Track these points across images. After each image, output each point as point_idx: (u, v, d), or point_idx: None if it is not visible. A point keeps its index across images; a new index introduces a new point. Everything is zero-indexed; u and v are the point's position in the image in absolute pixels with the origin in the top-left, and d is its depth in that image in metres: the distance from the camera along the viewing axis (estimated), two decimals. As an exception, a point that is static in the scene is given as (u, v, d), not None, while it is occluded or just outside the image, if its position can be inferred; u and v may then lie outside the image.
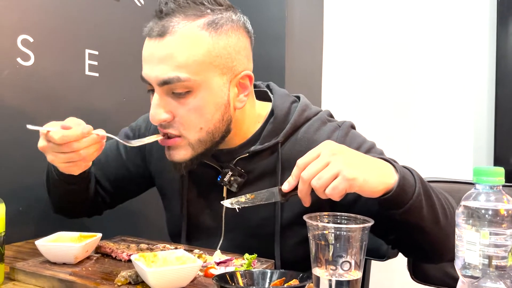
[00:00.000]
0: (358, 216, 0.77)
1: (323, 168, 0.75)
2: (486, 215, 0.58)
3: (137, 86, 1.55)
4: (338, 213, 0.78)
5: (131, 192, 1.21)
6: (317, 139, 0.96)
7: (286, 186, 0.81)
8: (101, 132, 0.89)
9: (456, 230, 0.61)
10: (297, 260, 0.97)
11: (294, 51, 1.91)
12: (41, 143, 0.88)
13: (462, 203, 0.61)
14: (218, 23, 0.88)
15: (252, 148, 0.97)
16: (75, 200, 1.09)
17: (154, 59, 0.87)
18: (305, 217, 0.75)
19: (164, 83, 0.86)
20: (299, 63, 1.96)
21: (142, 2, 1.56)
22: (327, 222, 0.76)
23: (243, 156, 0.98)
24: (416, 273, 1.23)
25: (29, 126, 0.85)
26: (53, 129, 0.84)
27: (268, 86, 1.08)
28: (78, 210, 1.13)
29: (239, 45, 0.91)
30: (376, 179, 0.77)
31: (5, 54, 1.16)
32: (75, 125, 0.86)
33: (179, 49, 0.85)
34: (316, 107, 1.05)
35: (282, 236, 0.98)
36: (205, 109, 0.89)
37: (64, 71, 1.31)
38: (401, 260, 1.30)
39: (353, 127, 1.02)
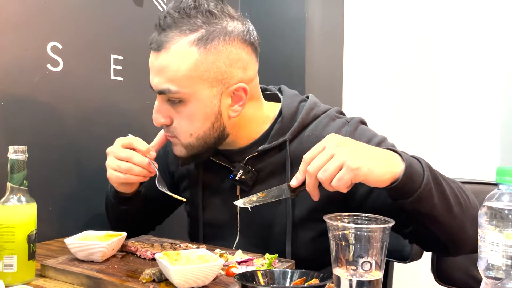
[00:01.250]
0: (379, 216, 0.77)
1: (328, 161, 0.78)
2: (510, 216, 0.57)
3: (161, 89, 1.58)
4: (359, 214, 0.79)
5: (171, 206, 1.26)
6: (325, 135, 0.95)
7: (294, 182, 0.85)
8: (154, 163, 1.01)
9: (479, 230, 0.61)
10: (310, 257, 0.99)
11: (314, 52, 1.91)
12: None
13: (485, 203, 0.61)
14: (208, 38, 0.91)
15: (261, 147, 1.01)
16: (129, 219, 1.17)
17: (153, 69, 0.95)
18: (325, 218, 0.76)
19: (160, 92, 0.95)
20: (320, 64, 1.95)
21: (165, 8, 1.59)
22: (348, 223, 0.77)
23: (253, 155, 1.02)
24: (440, 275, 1.22)
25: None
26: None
27: (279, 89, 1.11)
28: (134, 229, 1.19)
29: (231, 57, 0.94)
30: (382, 168, 0.78)
31: (36, 61, 1.21)
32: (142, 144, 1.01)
33: (170, 64, 0.92)
34: (326, 105, 1.06)
35: (294, 232, 1.00)
36: (195, 118, 0.95)
37: (91, 76, 1.35)
38: (425, 263, 1.29)
39: (363, 122, 1.03)
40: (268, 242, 1.02)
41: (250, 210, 0.91)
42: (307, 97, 1.07)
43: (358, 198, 0.96)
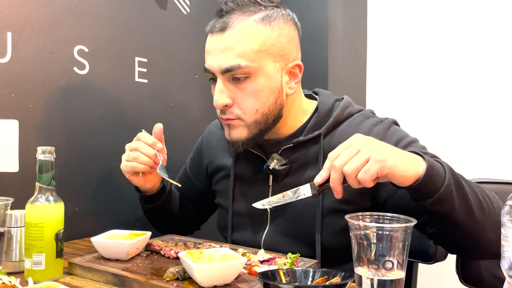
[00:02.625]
0: (401, 216, 0.77)
1: (355, 155, 0.80)
2: (533, 215, 0.56)
3: (183, 91, 1.60)
4: (381, 213, 0.78)
5: (207, 205, 1.30)
6: (358, 132, 0.98)
7: (318, 179, 0.86)
8: (160, 155, 1.08)
9: (502, 230, 0.60)
10: (338, 247, 0.99)
11: (337, 55, 1.90)
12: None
13: (508, 202, 0.60)
14: (271, 17, 0.99)
15: (296, 139, 1.04)
16: (160, 218, 1.25)
17: (217, 50, 0.98)
18: (346, 217, 0.76)
19: (226, 70, 0.97)
20: (343, 66, 1.95)
21: (188, 10, 1.61)
22: (369, 222, 0.76)
23: (288, 146, 1.05)
24: (465, 276, 1.20)
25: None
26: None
27: (313, 92, 1.16)
28: (172, 228, 1.26)
29: (290, 35, 1.01)
30: (406, 165, 0.80)
31: (63, 64, 1.24)
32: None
33: (239, 40, 0.96)
34: (360, 106, 1.10)
35: (323, 222, 1.02)
36: (261, 93, 0.99)
37: (116, 78, 1.38)
38: (450, 264, 1.27)
39: (396, 123, 1.06)
40: (297, 231, 1.04)
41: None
42: (343, 98, 1.11)
43: (385, 194, 0.98)
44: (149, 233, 1.02)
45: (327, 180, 0.84)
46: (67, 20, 1.25)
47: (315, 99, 1.12)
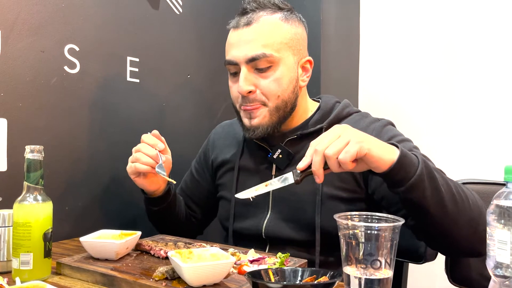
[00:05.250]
0: (389, 215, 0.77)
1: (336, 140, 0.84)
2: (518, 214, 0.57)
3: (176, 91, 1.60)
4: (369, 213, 0.79)
5: (213, 205, 1.33)
6: (356, 127, 1.05)
7: (301, 165, 0.88)
8: (161, 155, 1.11)
9: (488, 229, 0.60)
10: (337, 233, 1.01)
11: (329, 53, 1.91)
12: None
13: (493, 202, 0.60)
14: (289, 17, 1.11)
15: (300, 132, 1.13)
16: (165, 221, 1.27)
17: (242, 42, 1.08)
18: (335, 217, 0.76)
19: (252, 59, 1.06)
20: (335, 64, 1.95)
21: (181, 10, 1.61)
22: (358, 222, 0.77)
23: (292, 137, 1.13)
24: (454, 276, 1.20)
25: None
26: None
27: (318, 97, 1.25)
28: (176, 232, 1.27)
29: (303, 34, 1.14)
30: (382, 150, 0.85)
31: (54, 63, 1.24)
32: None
33: (264, 32, 1.07)
34: (358, 109, 1.20)
35: (322, 207, 1.07)
36: (282, 80, 1.08)
37: (107, 78, 1.37)
38: (439, 264, 1.28)
39: (392, 124, 1.14)
40: (298, 217, 1.10)
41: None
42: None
43: (373, 185, 1.05)
44: (139, 233, 1.02)
45: (309, 167, 0.87)
46: (58, 19, 1.24)
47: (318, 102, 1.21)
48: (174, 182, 1.12)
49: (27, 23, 1.18)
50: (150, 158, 1.09)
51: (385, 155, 0.84)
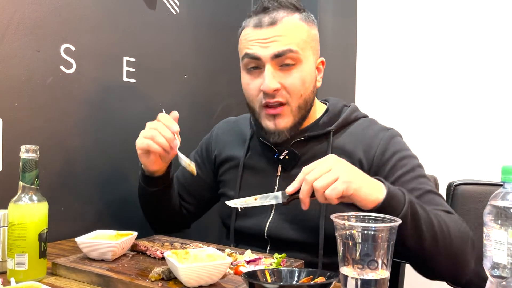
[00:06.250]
0: (386, 216, 0.77)
1: (326, 173, 0.87)
2: (515, 214, 0.57)
3: (172, 92, 1.60)
4: (367, 213, 0.79)
5: (209, 199, 1.34)
6: (365, 133, 1.11)
7: (290, 189, 0.92)
8: (178, 137, 1.09)
9: (484, 229, 0.60)
10: None
11: (326, 58, 1.89)
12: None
13: (490, 202, 0.60)
14: (306, 17, 1.12)
15: (308, 133, 1.13)
16: (159, 206, 1.24)
17: (267, 40, 1.07)
18: (332, 217, 0.76)
19: (278, 55, 1.06)
20: (332, 68, 1.95)
21: (177, 10, 1.61)
22: (355, 222, 0.77)
23: (300, 139, 1.13)
24: (450, 277, 1.20)
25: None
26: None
27: (325, 99, 1.25)
28: (167, 221, 1.27)
29: (317, 35, 1.16)
30: (369, 189, 0.87)
31: (50, 62, 1.23)
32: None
33: (289, 31, 1.07)
34: (364, 113, 1.21)
35: (327, 209, 1.07)
36: (306, 79, 1.09)
37: (103, 78, 1.37)
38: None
39: (400, 136, 1.14)
40: (301, 218, 1.09)
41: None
42: (350, 105, 1.21)
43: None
44: (135, 234, 1.02)
45: (298, 191, 0.90)
46: (54, 18, 1.24)
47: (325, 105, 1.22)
48: (195, 173, 1.09)
49: (23, 23, 1.17)
50: (165, 140, 1.06)
51: (371, 195, 0.86)
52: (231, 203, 0.99)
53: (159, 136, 1.05)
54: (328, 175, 0.86)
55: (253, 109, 1.13)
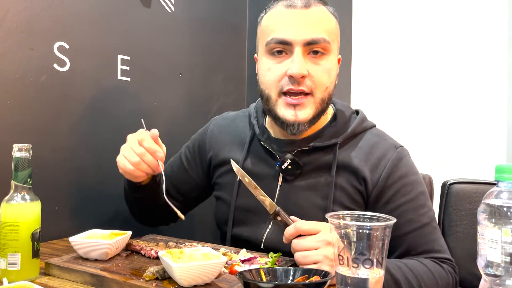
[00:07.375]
0: (381, 215, 0.77)
1: (312, 249, 0.88)
2: (508, 213, 0.57)
3: (167, 90, 1.59)
4: (361, 212, 0.78)
5: (197, 197, 1.30)
6: (373, 152, 1.06)
7: (284, 229, 0.94)
8: (162, 165, 1.04)
9: (478, 228, 0.60)
10: None
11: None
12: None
13: (484, 201, 0.60)
14: (332, 10, 1.09)
15: (313, 143, 1.07)
16: (145, 206, 1.20)
17: (301, 23, 1.01)
18: (327, 216, 0.76)
19: (312, 42, 1.00)
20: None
21: (173, 9, 1.60)
22: (350, 221, 0.76)
23: (304, 148, 1.07)
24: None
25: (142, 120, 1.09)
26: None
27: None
28: (154, 218, 1.25)
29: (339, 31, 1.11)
30: None
31: (43, 60, 1.22)
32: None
33: (322, 19, 1.03)
34: (372, 122, 1.15)
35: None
36: (332, 71, 1.05)
37: (98, 76, 1.36)
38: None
39: (408, 155, 1.10)
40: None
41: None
42: (356, 111, 1.17)
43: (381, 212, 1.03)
44: (129, 233, 1.01)
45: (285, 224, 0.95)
46: (48, 16, 1.23)
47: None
48: (183, 219, 1.03)
49: (16, 20, 1.16)
50: (149, 167, 1.02)
51: None
52: (235, 165, 1.00)
53: (143, 164, 1.01)
54: (312, 254, 0.87)
55: (269, 97, 1.05)
